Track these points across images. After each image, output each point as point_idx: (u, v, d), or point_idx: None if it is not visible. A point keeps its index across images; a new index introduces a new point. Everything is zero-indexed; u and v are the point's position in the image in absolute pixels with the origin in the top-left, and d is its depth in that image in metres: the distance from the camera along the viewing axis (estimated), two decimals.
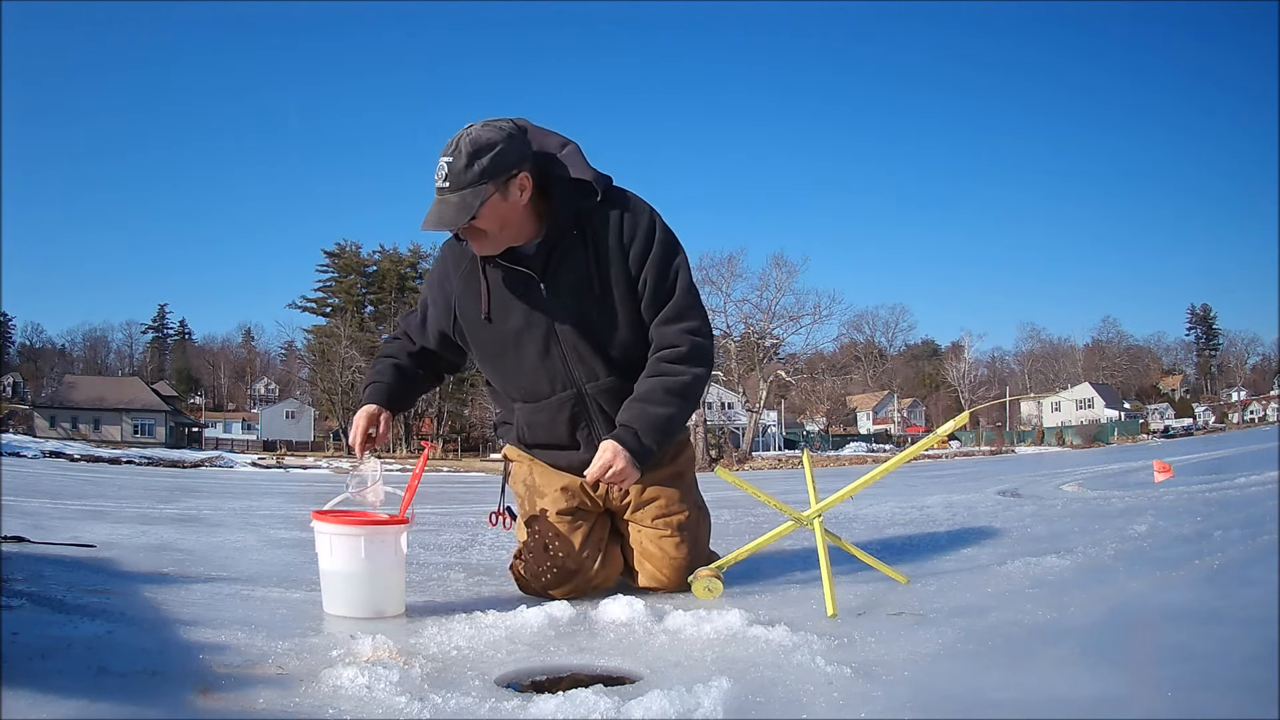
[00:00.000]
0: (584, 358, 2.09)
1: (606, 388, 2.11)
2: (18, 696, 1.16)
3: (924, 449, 2.45)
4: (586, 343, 2.08)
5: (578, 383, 2.11)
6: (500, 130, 1.94)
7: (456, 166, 1.90)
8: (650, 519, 2.19)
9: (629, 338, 2.09)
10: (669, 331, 2.08)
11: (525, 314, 2.07)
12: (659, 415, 2.04)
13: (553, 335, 2.08)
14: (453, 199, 1.91)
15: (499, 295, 2.09)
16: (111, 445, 38.39)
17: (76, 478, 11.41)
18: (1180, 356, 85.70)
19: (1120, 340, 76.20)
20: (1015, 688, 1.32)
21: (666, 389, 2.05)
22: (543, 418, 2.16)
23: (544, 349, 2.09)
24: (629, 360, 2.12)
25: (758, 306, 40.90)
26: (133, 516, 4.80)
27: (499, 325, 2.10)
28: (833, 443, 54.78)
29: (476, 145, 1.90)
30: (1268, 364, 74.69)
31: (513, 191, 1.96)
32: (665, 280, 2.08)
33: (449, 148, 1.92)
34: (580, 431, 2.15)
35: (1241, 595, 1.90)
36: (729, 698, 1.25)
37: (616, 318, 2.07)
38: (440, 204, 1.93)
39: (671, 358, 2.07)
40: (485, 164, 1.90)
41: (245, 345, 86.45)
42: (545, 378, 2.11)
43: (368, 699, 1.28)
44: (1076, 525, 3.40)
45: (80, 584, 2.15)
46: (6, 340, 72.76)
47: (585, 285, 2.05)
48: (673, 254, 2.10)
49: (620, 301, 2.07)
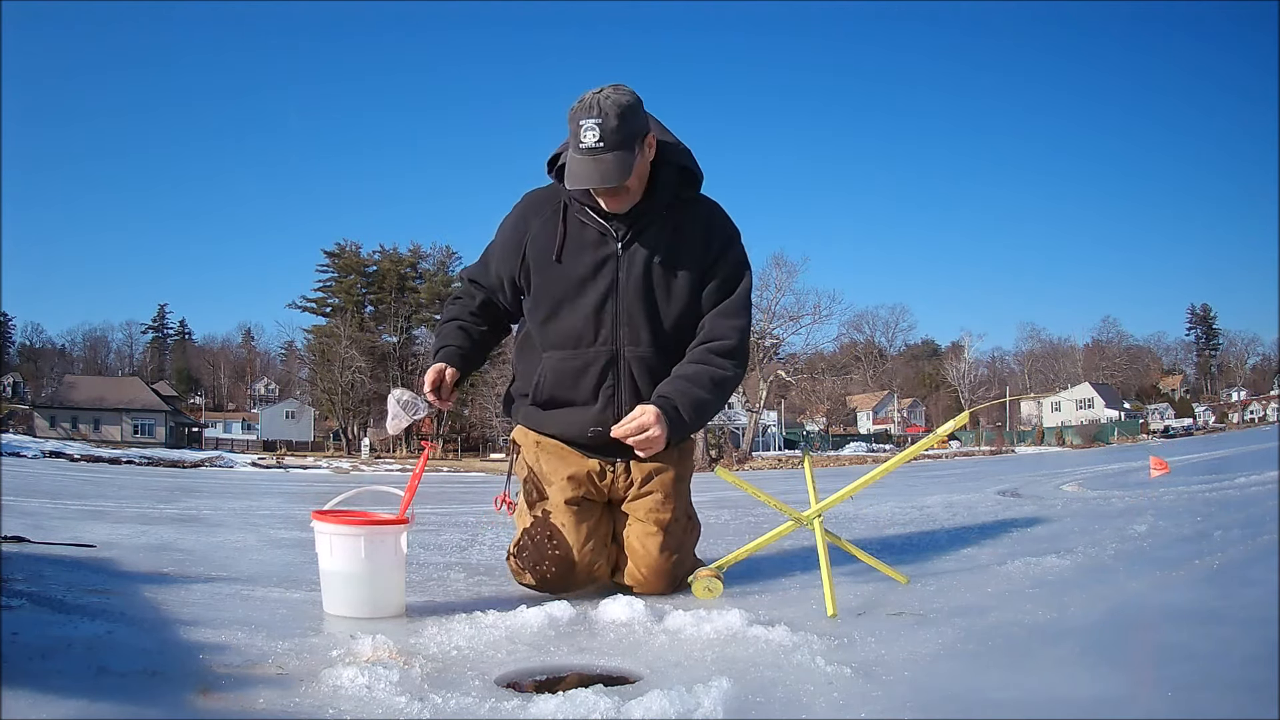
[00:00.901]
0: (634, 321, 2.16)
1: (642, 356, 2.17)
2: (18, 696, 1.17)
3: (924, 449, 2.45)
4: (642, 309, 2.16)
5: (620, 342, 2.17)
6: (632, 94, 2.06)
7: (609, 126, 1.99)
8: (643, 512, 2.20)
9: (679, 322, 2.18)
10: (722, 325, 2.18)
11: (594, 265, 2.16)
12: (700, 398, 2.11)
13: (614, 291, 2.16)
14: (609, 158, 2.00)
15: (575, 242, 2.17)
16: (111, 445, 38.39)
17: (76, 478, 11.41)
18: (1180, 356, 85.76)
19: (1120, 340, 76.22)
20: (1015, 688, 1.32)
21: (711, 378, 2.13)
22: (574, 366, 2.20)
23: (600, 302, 2.16)
24: (671, 341, 2.19)
25: (757, 306, 40.88)
26: (133, 516, 4.80)
27: (567, 268, 2.17)
28: (833, 443, 54.77)
29: (622, 107, 2.01)
30: (1268, 364, 74.70)
31: (646, 151, 2.09)
32: (733, 282, 2.21)
33: (591, 110, 2.00)
34: (604, 389, 2.19)
35: (1241, 595, 1.90)
36: (729, 698, 1.25)
37: (675, 298, 2.17)
38: (598, 162, 2.00)
39: (720, 350, 2.16)
40: (635, 125, 2.03)
41: (245, 345, 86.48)
42: (593, 328, 2.18)
43: (368, 699, 1.28)
44: (1076, 525, 3.40)
45: (80, 584, 2.15)
46: (6, 340, 72.79)
47: (658, 258, 2.15)
48: (745, 265, 2.24)
49: (683, 287, 2.17)
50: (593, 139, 1.99)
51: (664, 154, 2.15)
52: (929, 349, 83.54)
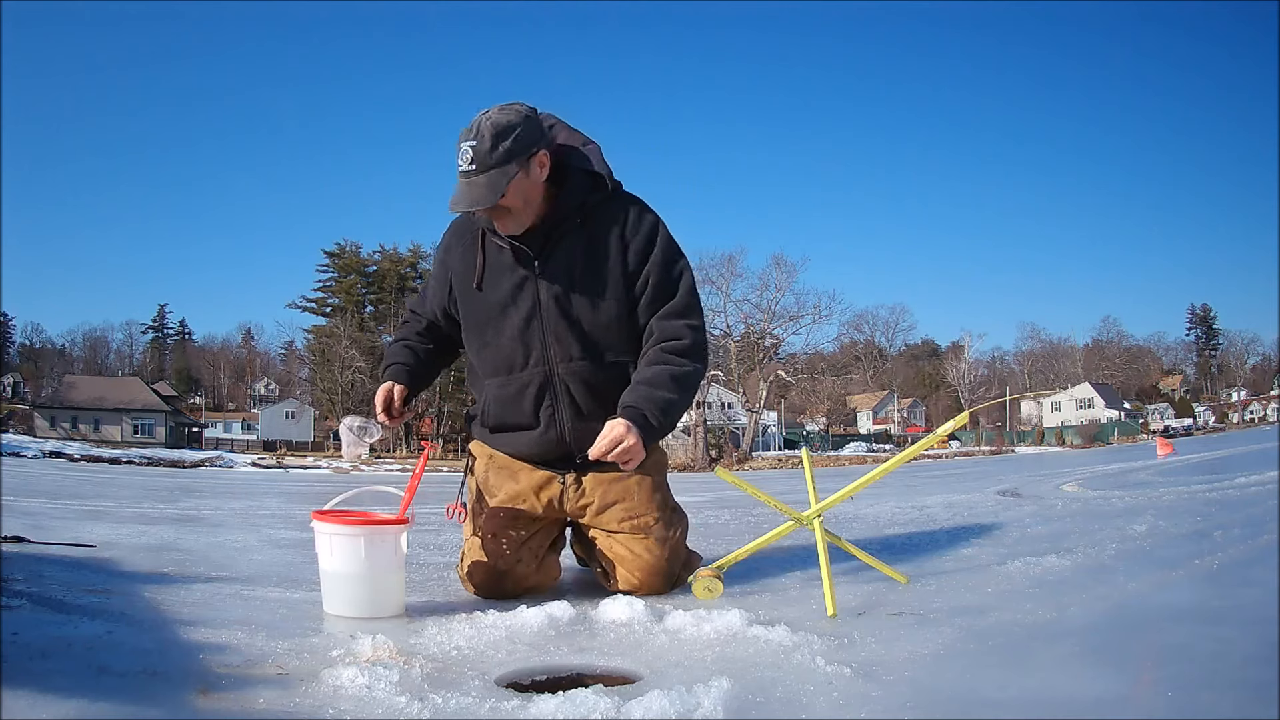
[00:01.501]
0: (561, 338, 2.14)
1: (576, 371, 2.15)
2: (18, 696, 1.17)
3: (924, 449, 2.45)
4: (566, 324, 2.13)
5: (551, 361, 2.15)
6: (517, 113, 2.04)
7: (481, 149, 1.98)
8: (617, 522, 2.19)
9: (609, 330, 2.15)
10: (673, 325, 2.14)
11: (514, 288, 2.14)
12: (665, 399, 2.07)
13: (536, 311, 2.14)
14: (480, 180, 1.99)
15: (494, 267, 2.16)
16: (111, 445, 38.37)
17: (76, 478, 11.40)
18: (1180, 356, 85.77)
19: (1120, 340, 76.29)
20: (1015, 688, 1.32)
21: (671, 376, 2.09)
22: (510, 392, 2.19)
23: (525, 323, 2.15)
24: (604, 351, 2.16)
25: (758, 306, 40.90)
26: (133, 516, 4.80)
27: (488, 295, 2.17)
28: (833, 443, 54.75)
29: (498, 128, 1.99)
30: (1268, 364, 74.69)
31: (534, 169, 2.05)
32: (669, 279, 2.16)
33: (469, 133, 2.01)
34: (544, 410, 2.18)
35: (1241, 595, 1.90)
36: (729, 698, 1.25)
37: (600, 308, 2.13)
38: (469, 185, 2.00)
39: (675, 349, 2.12)
40: (509, 145, 1.99)
41: (245, 345, 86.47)
42: (521, 352, 2.16)
43: (368, 699, 1.28)
44: (1076, 525, 3.40)
45: (80, 584, 2.15)
46: (6, 340, 72.75)
47: (577, 270, 2.12)
48: (676, 257, 2.18)
49: (608, 294, 2.13)
50: (465, 161, 2.00)
51: (569, 162, 2.12)
52: (929, 349, 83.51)
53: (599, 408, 2.13)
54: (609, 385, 2.14)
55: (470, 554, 2.21)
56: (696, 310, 2.18)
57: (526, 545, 2.20)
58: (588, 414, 2.15)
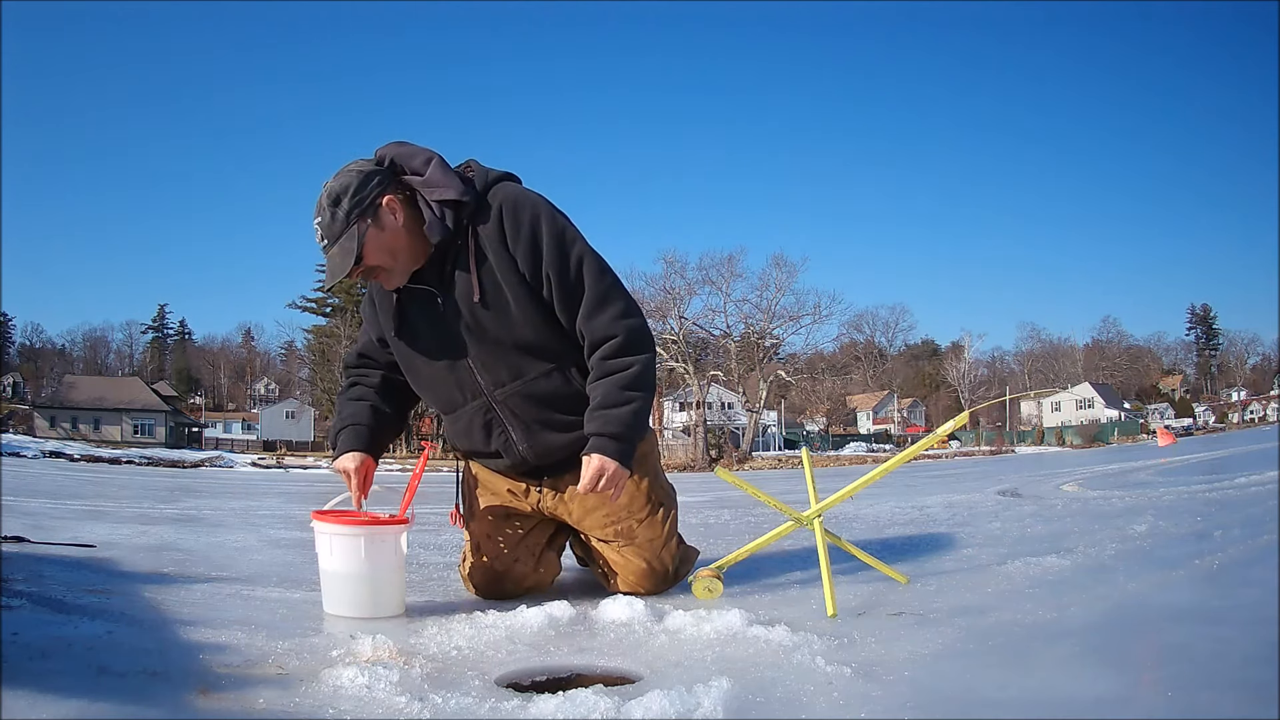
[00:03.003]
0: (488, 365, 2.06)
1: (515, 392, 2.07)
2: (18, 696, 1.17)
3: (924, 449, 2.45)
4: (488, 350, 2.05)
5: (486, 391, 2.08)
6: (349, 172, 1.98)
7: (325, 221, 1.96)
8: (600, 529, 2.17)
9: (530, 344, 2.04)
10: (598, 324, 2.02)
11: (430, 328, 2.08)
12: (625, 414, 1.99)
13: (456, 345, 2.06)
14: (335, 251, 1.96)
15: (408, 312, 2.10)
16: (111, 445, 38.36)
17: (76, 478, 11.41)
18: (1180, 356, 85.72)
19: (1120, 340, 76.26)
20: (1015, 688, 1.32)
21: (621, 386, 2.00)
22: (460, 427, 2.15)
23: (451, 361, 2.08)
24: (533, 364, 2.07)
25: (758, 306, 40.84)
26: (133, 516, 4.80)
27: (410, 341, 2.12)
28: (833, 443, 54.75)
29: (333, 195, 1.96)
30: (1268, 364, 74.67)
31: (385, 219, 1.97)
32: (568, 273, 2.01)
33: (315, 211, 1.98)
34: (496, 439, 2.11)
35: (1241, 595, 1.90)
36: (729, 698, 1.25)
37: (514, 322, 2.02)
38: (328, 260, 1.98)
39: (612, 352, 2.02)
40: (346, 206, 1.95)
41: (245, 345, 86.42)
42: (456, 388, 2.10)
43: (368, 699, 1.28)
44: (1076, 525, 3.40)
45: (80, 584, 2.15)
46: (6, 340, 72.75)
47: (477, 295, 2.01)
48: (566, 245, 2.02)
49: (517, 305, 2.01)
50: (318, 239, 1.98)
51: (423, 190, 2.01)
52: (929, 349, 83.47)
53: (549, 417, 2.08)
54: (550, 395, 2.07)
55: (469, 554, 2.21)
56: (614, 292, 2.04)
57: (523, 543, 2.20)
58: (541, 425, 2.08)
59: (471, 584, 2.22)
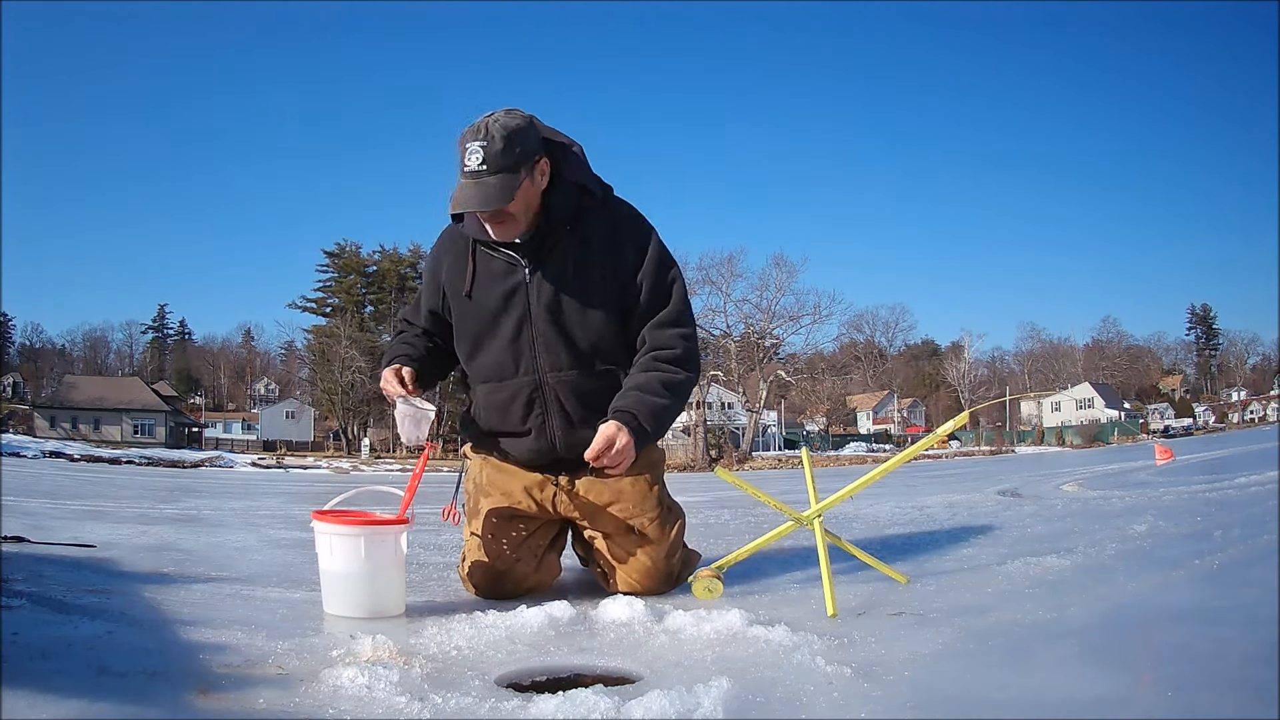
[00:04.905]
0: (551, 347, 2.12)
1: (566, 380, 2.14)
2: (18, 696, 1.17)
3: (924, 449, 2.45)
4: (557, 333, 2.11)
5: (540, 370, 2.14)
6: (523, 118, 2.03)
7: (493, 150, 1.95)
8: (612, 525, 2.19)
9: (599, 339, 2.13)
10: (665, 334, 2.14)
11: (505, 296, 2.12)
12: (657, 404, 2.06)
13: (527, 320, 2.12)
14: (492, 180, 1.96)
15: (484, 275, 2.14)
16: (111, 445, 38.37)
17: (76, 478, 11.41)
18: (1180, 356, 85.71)
19: (1120, 340, 76.25)
20: (1015, 688, 1.32)
21: (663, 383, 2.09)
22: (501, 398, 2.19)
23: (516, 332, 2.13)
24: (595, 360, 2.14)
25: (758, 306, 40.89)
26: (133, 516, 4.80)
27: (479, 303, 2.15)
28: (833, 443, 54.74)
29: (509, 130, 1.97)
30: (1268, 364, 74.67)
31: (537, 176, 2.03)
32: (662, 288, 2.15)
33: (478, 133, 1.97)
34: (533, 418, 2.17)
35: (1241, 595, 1.90)
36: (729, 698, 1.25)
37: (591, 317, 2.11)
38: (479, 185, 1.96)
39: (667, 358, 2.12)
40: (520, 149, 1.97)
41: (245, 345, 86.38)
42: (512, 360, 2.15)
43: (368, 699, 1.28)
44: (1076, 525, 3.40)
45: (80, 584, 2.15)
46: (6, 340, 72.73)
47: (568, 280, 2.10)
48: (668, 266, 2.17)
49: (599, 304, 2.11)
50: (476, 162, 1.95)
51: (560, 170, 2.09)
52: (929, 349, 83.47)
53: (590, 416, 2.12)
54: (599, 394, 2.12)
55: (470, 554, 2.21)
56: (688, 320, 2.18)
57: (526, 544, 2.21)
58: (578, 422, 2.13)
59: (471, 583, 2.22)
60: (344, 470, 25.49)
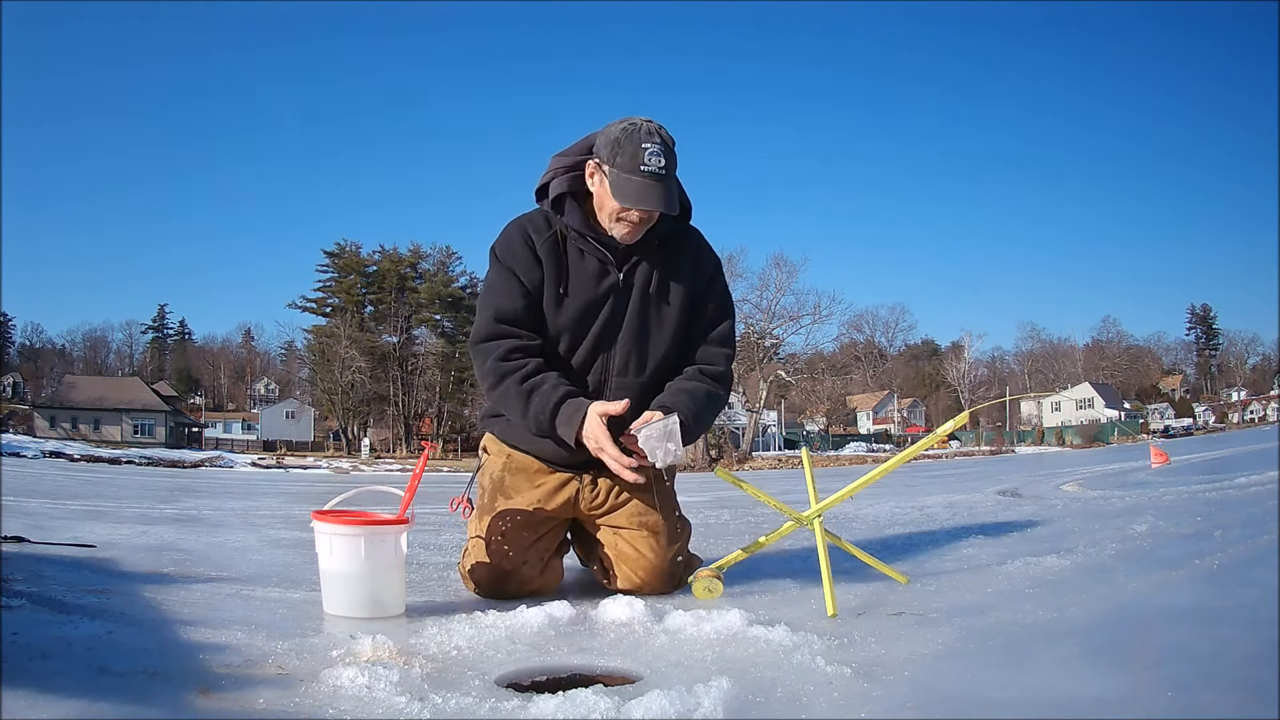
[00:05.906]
0: (626, 353, 2.19)
1: (630, 386, 2.19)
2: (18, 696, 1.16)
3: (924, 449, 2.45)
4: (635, 340, 2.19)
5: (610, 373, 2.20)
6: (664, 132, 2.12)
7: (670, 156, 2.08)
8: (626, 518, 2.21)
9: (666, 352, 2.22)
10: (714, 352, 2.26)
11: (599, 297, 2.18)
12: (698, 411, 2.15)
13: (612, 322, 2.17)
14: (673, 184, 2.11)
15: (577, 273, 2.18)
16: (111, 445, 38.37)
17: (76, 478, 11.41)
18: (1180, 356, 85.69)
19: (1120, 340, 76.26)
20: (1015, 688, 1.32)
21: (707, 394, 2.19)
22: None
23: (601, 332, 2.18)
24: (656, 369, 2.22)
25: (758, 306, 40.86)
26: (133, 516, 4.80)
27: (572, 300, 2.18)
28: (833, 443, 54.75)
29: (671, 140, 2.09)
30: (1268, 364, 74.66)
31: None
32: (722, 313, 2.29)
33: (653, 136, 2.05)
34: None
35: (1241, 595, 1.90)
36: (729, 698, 1.25)
37: (665, 330, 2.21)
38: (664, 187, 2.06)
39: (714, 375, 2.24)
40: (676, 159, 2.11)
41: (245, 345, 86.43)
42: (588, 353, 2.19)
43: (368, 699, 1.28)
44: (1076, 525, 3.40)
45: (80, 584, 2.15)
46: (6, 340, 72.76)
47: (653, 289, 2.20)
48: (728, 296, 2.33)
49: (673, 318, 2.22)
50: (658, 164, 2.04)
51: None
52: (929, 349, 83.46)
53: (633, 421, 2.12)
54: (647, 404, 2.14)
55: (475, 552, 2.20)
56: (732, 343, 2.32)
57: (533, 548, 2.20)
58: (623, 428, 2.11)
59: (473, 580, 2.21)
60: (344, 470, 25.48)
